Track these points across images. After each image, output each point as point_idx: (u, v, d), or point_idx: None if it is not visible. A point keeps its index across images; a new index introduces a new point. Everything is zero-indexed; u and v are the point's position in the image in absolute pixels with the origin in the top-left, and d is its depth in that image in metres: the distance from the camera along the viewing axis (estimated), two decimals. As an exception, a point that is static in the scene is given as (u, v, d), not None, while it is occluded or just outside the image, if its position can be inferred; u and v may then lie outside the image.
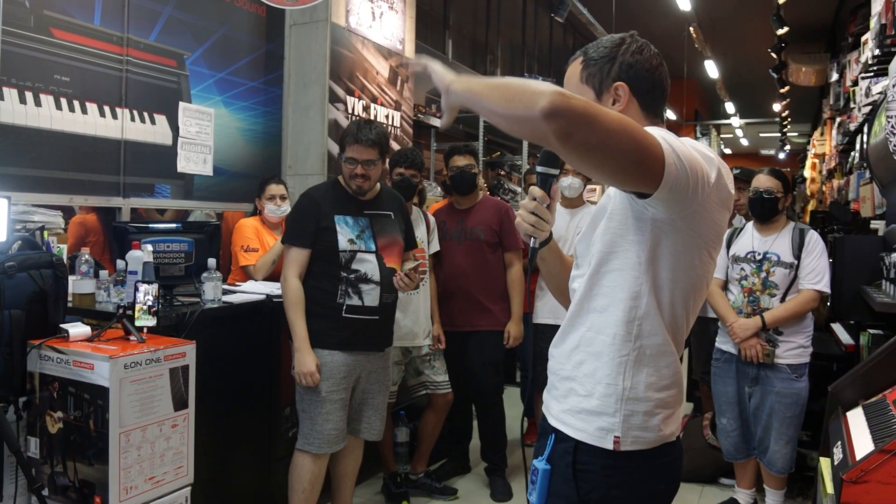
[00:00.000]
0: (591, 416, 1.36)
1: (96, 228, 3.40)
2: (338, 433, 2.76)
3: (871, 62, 4.02)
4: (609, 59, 1.41)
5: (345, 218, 2.76)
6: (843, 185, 6.80)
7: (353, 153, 2.75)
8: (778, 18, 8.15)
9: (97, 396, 2.09)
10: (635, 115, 1.40)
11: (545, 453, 1.42)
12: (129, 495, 2.13)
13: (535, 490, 1.40)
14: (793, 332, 3.15)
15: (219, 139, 3.96)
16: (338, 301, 2.72)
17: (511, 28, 8.48)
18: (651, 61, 1.42)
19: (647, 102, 1.42)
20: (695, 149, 1.25)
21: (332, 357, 2.72)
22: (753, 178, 3.36)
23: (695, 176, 1.21)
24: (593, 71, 1.42)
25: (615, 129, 1.11)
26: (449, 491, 3.53)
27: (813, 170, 12.68)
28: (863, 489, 1.74)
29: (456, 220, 3.62)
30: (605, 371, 1.36)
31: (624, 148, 1.12)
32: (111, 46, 3.37)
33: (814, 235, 3.20)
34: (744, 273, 3.25)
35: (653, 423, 1.35)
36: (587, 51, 1.44)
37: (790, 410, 3.13)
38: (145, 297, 2.30)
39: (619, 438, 1.34)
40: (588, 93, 1.41)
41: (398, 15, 5.00)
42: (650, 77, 1.42)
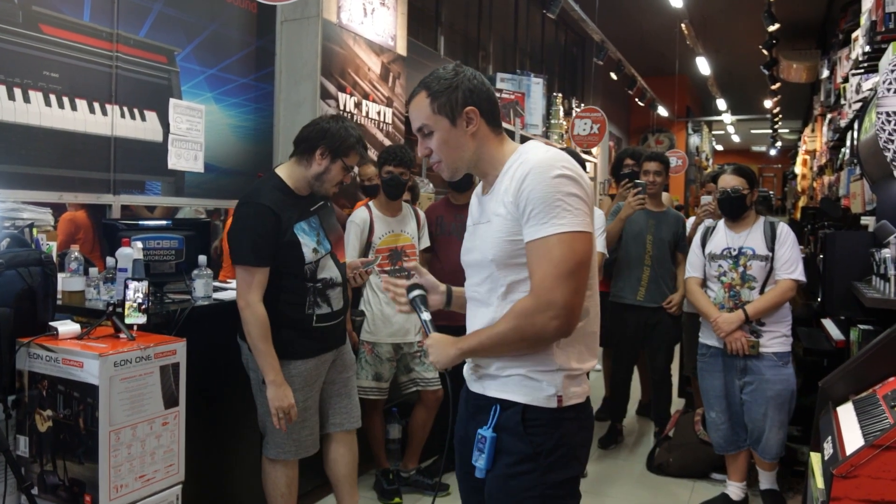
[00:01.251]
0: (535, 384, 1.59)
1: (86, 225, 3.38)
2: (314, 438, 2.71)
3: (862, 59, 4.03)
4: (453, 89, 1.62)
5: (301, 226, 2.59)
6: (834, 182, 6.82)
7: (354, 163, 2.65)
8: (769, 15, 8.17)
9: (87, 394, 2.08)
10: (485, 132, 1.65)
11: (490, 423, 1.62)
12: (119, 494, 2.12)
13: (483, 455, 1.61)
14: (774, 322, 3.25)
15: (210, 136, 3.94)
16: (307, 312, 2.61)
17: (503, 24, 8.47)
18: (484, 84, 1.66)
19: (490, 118, 1.65)
20: (570, 188, 1.52)
21: (305, 365, 2.63)
22: (719, 178, 3.43)
23: (588, 210, 1.54)
24: (443, 101, 1.62)
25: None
26: (441, 487, 3.54)
27: (804, 166, 12.73)
28: (853, 484, 1.75)
29: (454, 214, 3.62)
30: (540, 355, 1.58)
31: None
32: (101, 42, 3.34)
33: (784, 227, 3.31)
34: (722, 269, 3.33)
35: (580, 382, 1.62)
36: (429, 85, 1.64)
37: (781, 396, 3.23)
38: (135, 295, 2.29)
39: (562, 397, 1.58)
40: (443, 121, 1.63)
41: (390, 11, 4.98)
42: (489, 97, 1.66)
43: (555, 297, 1.48)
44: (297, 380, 2.61)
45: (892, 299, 2.79)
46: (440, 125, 1.63)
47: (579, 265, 1.49)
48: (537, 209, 1.50)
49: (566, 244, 1.48)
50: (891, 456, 1.73)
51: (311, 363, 2.66)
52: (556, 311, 1.48)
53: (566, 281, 1.48)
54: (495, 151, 1.65)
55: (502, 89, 6.92)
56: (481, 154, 1.65)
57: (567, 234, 1.48)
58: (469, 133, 1.63)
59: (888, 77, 2.41)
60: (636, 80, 10.82)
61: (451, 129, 1.63)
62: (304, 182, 2.62)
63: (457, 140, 1.63)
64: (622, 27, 9.53)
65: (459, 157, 1.65)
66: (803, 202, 12.34)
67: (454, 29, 7.29)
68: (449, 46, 7.00)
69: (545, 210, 1.49)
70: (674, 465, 3.90)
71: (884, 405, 2.02)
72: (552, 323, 1.49)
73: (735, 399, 3.33)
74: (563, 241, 1.48)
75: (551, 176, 1.50)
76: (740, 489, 3.44)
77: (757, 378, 3.25)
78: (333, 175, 2.60)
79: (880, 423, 1.92)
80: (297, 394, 2.60)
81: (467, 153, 1.65)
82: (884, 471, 1.73)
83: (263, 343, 2.49)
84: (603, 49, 8.96)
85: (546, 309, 1.48)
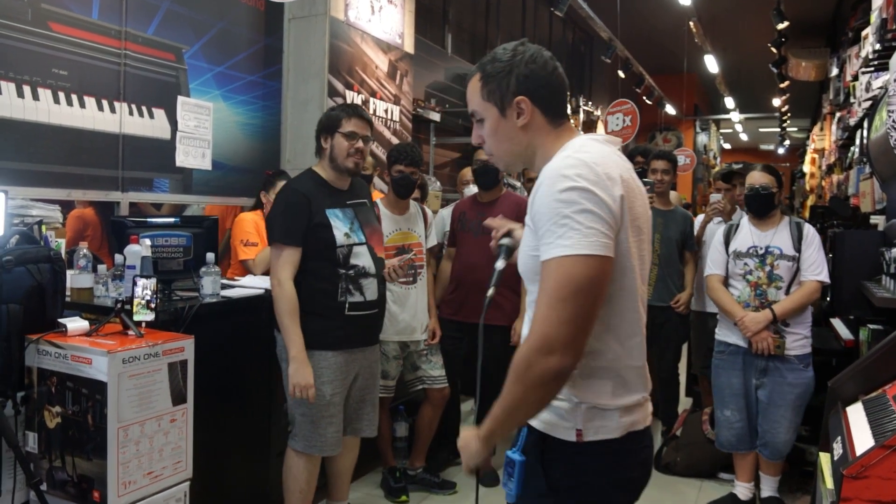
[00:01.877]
0: (554, 413, 1.41)
1: (94, 222, 3.39)
2: (339, 436, 2.73)
3: (872, 57, 4.00)
4: (506, 74, 1.43)
5: (335, 211, 2.68)
6: (843, 181, 6.78)
7: (353, 127, 2.68)
8: (778, 13, 8.13)
9: (95, 391, 2.08)
10: (540, 125, 1.46)
11: (518, 444, 1.45)
12: (127, 490, 2.13)
13: (512, 480, 1.43)
14: (797, 324, 3.23)
15: (217, 133, 3.95)
16: (339, 299, 2.65)
17: (511, 22, 8.45)
18: (546, 67, 1.44)
19: (548, 108, 1.45)
20: (576, 201, 1.29)
21: (336, 358, 2.66)
22: (747, 175, 3.39)
23: (606, 225, 1.30)
24: (493, 87, 1.45)
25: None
26: (448, 485, 3.54)
27: (812, 165, 12.66)
28: (863, 484, 1.74)
29: (477, 212, 3.59)
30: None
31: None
32: (109, 40, 3.35)
33: (810, 229, 3.28)
34: (748, 268, 3.29)
35: (613, 416, 1.39)
36: (484, 66, 1.47)
37: (800, 400, 3.23)
38: (143, 292, 2.29)
39: (581, 431, 1.39)
40: (492, 110, 1.46)
41: (397, 9, 4.98)
42: (548, 84, 1.45)
43: (547, 330, 1.27)
44: (326, 371, 2.64)
45: (903, 299, 2.77)
46: (489, 113, 1.47)
47: (577, 292, 1.26)
48: (543, 228, 1.32)
49: (563, 269, 1.27)
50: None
51: (343, 357, 2.68)
52: (550, 346, 1.26)
53: (560, 310, 1.26)
54: (549, 147, 1.44)
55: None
56: (535, 149, 1.47)
57: (566, 259, 1.27)
58: (520, 125, 1.45)
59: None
60: (644, 78, 10.79)
61: (500, 120, 1.46)
62: (332, 172, 2.73)
63: (507, 132, 1.46)
64: (630, 25, 9.49)
65: (510, 151, 1.49)
66: (812, 201, 12.28)
67: (462, 27, 7.28)
68: (456, 44, 6.99)
69: (550, 229, 1.30)
70: (681, 464, 3.89)
71: (894, 405, 2.01)
72: (549, 361, 1.26)
73: (752, 399, 3.31)
74: (561, 265, 1.27)
75: (558, 189, 1.30)
76: (748, 489, 3.42)
77: (777, 380, 3.22)
78: (339, 148, 2.68)
79: (891, 423, 1.91)
80: (326, 386, 2.64)
81: (518, 147, 1.48)
82: (894, 471, 1.72)
83: (289, 319, 2.56)
84: (611, 47, 8.93)
85: (540, 346, 1.27)
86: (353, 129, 2.68)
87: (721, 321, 3.43)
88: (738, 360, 3.31)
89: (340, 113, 2.71)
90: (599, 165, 1.33)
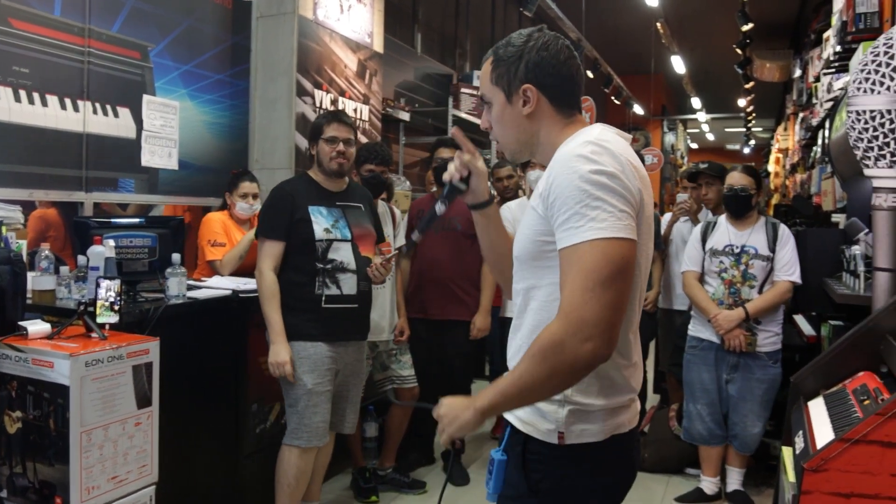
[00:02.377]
0: (536, 413, 1.37)
1: (57, 223, 3.32)
2: (325, 426, 2.78)
3: (833, 59, 4.09)
4: (516, 59, 1.40)
5: (318, 208, 2.80)
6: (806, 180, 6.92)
7: (334, 132, 2.82)
8: (743, 15, 8.26)
9: (57, 395, 2.05)
10: (547, 114, 1.41)
11: (502, 444, 1.44)
12: (91, 495, 2.09)
13: (492, 479, 1.42)
14: (768, 322, 3.33)
15: (184, 133, 3.90)
16: (316, 293, 2.74)
17: (480, 22, 8.47)
18: (559, 56, 1.40)
19: (557, 98, 1.41)
20: (607, 184, 1.26)
21: (315, 349, 2.73)
22: (727, 176, 3.46)
23: (633, 212, 1.27)
24: (501, 72, 1.42)
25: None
26: (417, 485, 3.54)
27: (777, 164, 12.89)
28: (823, 477, 1.78)
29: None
30: None
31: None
32: (72, 37, 3.29)
33: (785, 230, 3.38)
34: (723, 266, 3.36)
35: (597, 418, 1.36)
36: (497, 50, 1.44)
37: (767, 394, 3.32)
38: (107, 294, 2.26)
39: (563, 434, 1.35)
40: (499, 95, 1.43)
41: (366, 8, 4.96)
42: (559, 73, 1.40)
43: (586, 315, 1.20)
44: (306, 361, 2.72)
45: (862, 295, 2.83)
46: (496, 98, 1.43)
47: (616, 275, 1.21)
48: (567, 211, 1.25)
49: (599, 251, 1.21)
50: (860, 449, 1.76)
51: (322, 349, 2.74)
52: (588, 332, 1.19)
53: (599, 294, 1.20)
54: (557, 137, 1.40)
55: (479, 86, 6.92)
56: (541, 138, 1.43)
57: (602, 241, 1.21)
58: (525, 113, 1.41)
59: (858, 76, 2.44)
60: (612, 79, 10.88)
61: (505, 105, 1.42)
62: (322, 175, 2.88)
63: (512, 119, 1.43)
64: (598, 25, 9.58)
65: (515, 139, 1.45)
66: (776, 200, 12.49)
67: (431, 26, 7.28)
68: (426, 44, 6.99)
69: (579, 212, 1.24)
70: (649, 460, 3.93)
71: (853, 399, 2.05)
72: (585, 346, 1.19)
73: (722, 394, 3.39)
74: (595, 247, 1.21)
75: (587, 171, 1.25)
76: (714, 484, 3.49)
77: (746, 376, 3.32)
78: (323, 153, 2.84)
79: (849, 417, 1.95)
80: (307, 376, 2.71)
81: (523, 135, 1.43)
82: (853, 464, 1.76)
83: (268, 305, 2.71)
84: (579, 47, 9.00)
85: (577, 330, 1.20)
86: (333, 133, 2.82)
87: (695, 317, 3.49)
88: (711, 355, 3.39)
89: (322, 120, 2.87)
90: (622, 155, 1.30)
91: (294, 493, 2.78)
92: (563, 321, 1.22)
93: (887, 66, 2.36)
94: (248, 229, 3.50)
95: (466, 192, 1.53)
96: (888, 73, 2.36)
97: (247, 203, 3.54)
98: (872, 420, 1.76)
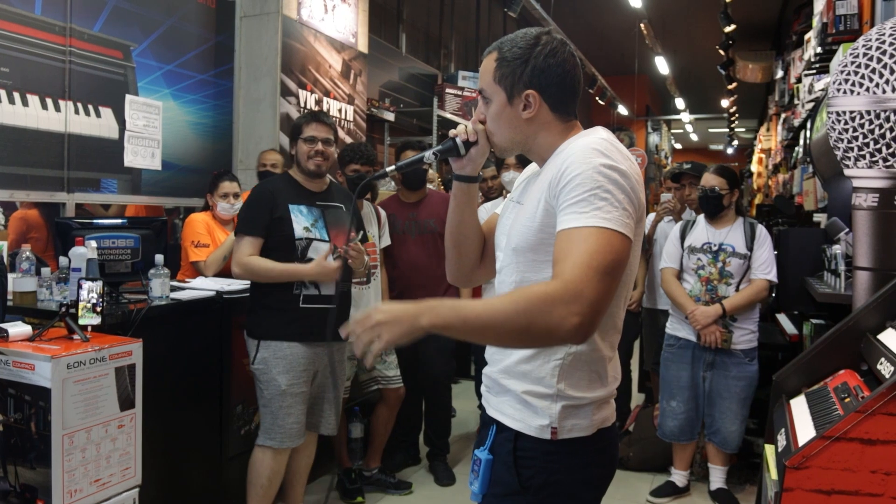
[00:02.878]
0: (528, 409, 1.39)
1: (39, 224, 3.29)
2: (299, 427, 2.75)
3: (814, 60, 4.13)
4: (522, 62, 1.39)
5: (298, 207, 2.78)
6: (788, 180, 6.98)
7: (312, 132, 2.80)
8: (725, 16, 8.32)
9: (39, 398, 2.03)
10: (546, 119, 1.42)
11: (487, 443, 1.45)
12: (73, 499, 2.07)
13: (478, 479, 1.43)
14: (745, 319, 3.36)
15: (167, 133, 3.88)
16: (294, 292, 2.72)
17: (464, 22, 8.48)
18: (565, 64, 1.41)
19: (558, 105, 1.42)
20: (618, 181, 1.29)
21: (291, 349, 2.71)
22: (702, 177, 3.49)
23: (635, 213, 1.31)
24: (506, 72, 1.40)
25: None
26: (403, 486, 3.53)
27: (759, 164, 13.00)
28: (805, 475, 1.80)
29: (406, 213, 3.62)
30: (540, 373, 1.39)
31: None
32: (53, 37, 3.26)
33: (763, 229, 3.41)
34: (700, 263, 3.40)
35: (587, 413, 1.40)
36: (502, 47, 1.42)
37: (744, 392, 3.35)
38: (89, 295, 2.24)
39: (557, 429, 1.38)
40: (500, 94, 1.42)
41: (351, 8, 4.95)
42: (563, 81, 1.41)
43: (585, 290, 1.18)
44: (281, 362, 2.70)
45: (843, 294, 2.86)
46: (497, 97, 1.42)
47: (614, 266, 1.23)
48: (579, 196, 1.27)
49: (605, 239, 1.23)
50: (841, 447, 1.77)
51: (299, 350, 2.72)
52: (581, 307, 1.17)
53: (600, 276, 1.20)
54: (555, 140, 1.42)
55: (464, 87, 6.94)
56: (538, 140, 1.44)
57: (607, 231, 1.23)
58: (525, 117, 1.41)
59: (838, 77, 2.47)
60: (597, 79, 10.93)
61: (506, 105, 1.42)
62: (301, 175, 2.84)
63: (510, 119, 1.42)
64: (583, 26, 9.62)
65: (510, 139, 1.44)
66: (759, 199, 12.60)
67: (416, 26, 7.28)
68: (411, 44, 6.99)
69: (587, 198, 1.26)
70: (634, 459, 3.95)
71: (834, 397, 2.07)
72: (573, 319, 1.17)
73: (699, 391, 3.42)
74: (602, 235, 1.23)
75: (600, 163, 1.28)
76: (685, 477, 3.59)
77: (722, 373, 3.35)
78: (301, 152, 2.82)
79: (831, 414, 1.97)
80: (281, 377, 2.69)
81: (519, 136, 1.44)
82: (834, 461, 1.78)
83: (272, 265, 2.69)
84: (564, 48, 9.02)
85: (572, 300, 1.17)
86: (312, 133, 2.80)
87: (672, 316, 3.53)
88: (688, 353, 3.42)
89: (301, 120, 2.85)
90: (628, 159, 1.35)
91: (267, 493, 2.76)
92: (561, 286, 1.19)
93: (867, 68, 2.39)
94: (231, 229, 3.49)
95: (462, 157, 1.49)
96: (867, 75, 2.38)
97: (228, 203, 3.53)
98: (853, 418, 1.78)
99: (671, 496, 3.54)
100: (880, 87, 2.36)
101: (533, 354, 1.39)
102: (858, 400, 1.91)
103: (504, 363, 1.44)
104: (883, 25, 2.44)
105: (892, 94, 2.35)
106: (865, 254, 2.49)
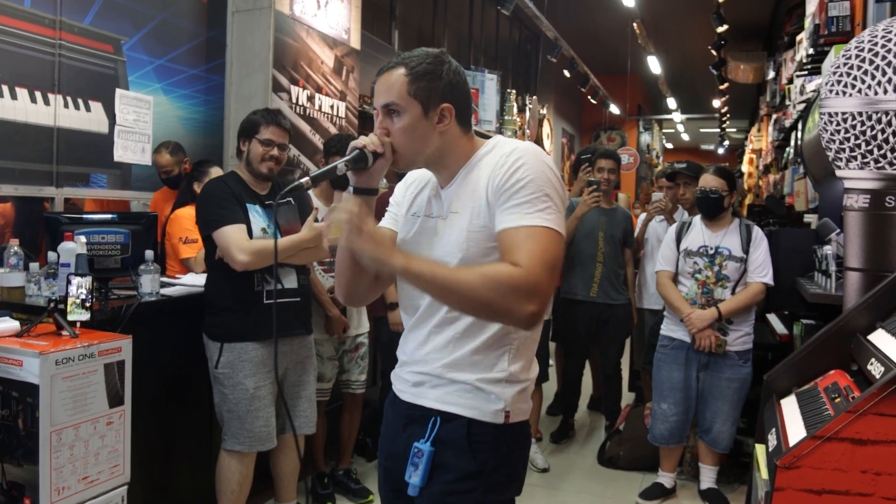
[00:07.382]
0: (482, 396, 1.49)
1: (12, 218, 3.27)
2: (269, 430, 2.68)
3: (806, 61, 4.14)
4: (436, 77, 1.47)
5: (255, 207, 2.71)
6: (779, 180, 7.00)
7: (270, 135, 2.71)
8: (718, 17, 8.34)
9: (26, 394, 2.01)
10: (454, 132, 1.51)
11: (428, 436, 1.51)
12: (61, 496, 2.06)
13: (419, 471, 1.50)
14: (740, 322, 3.35)
15: (158, 128, 3.85)
16: (255, 289, 2.65)
17: (458, 20, 8.46)
18: (465, 83, 1.53)
19: (463, 118, 1.52)
20: (556, 187, 1.43)
21: (256, 351, 2.64)
22: (700, 177, 3.47)
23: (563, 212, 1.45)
24: (423, 86, 1.46)
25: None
26: (363, 493, 3.45)
27: (750, 165, 13.04)
28: (795, 474, 1.80)
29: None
30: (493, 360, 1.50)
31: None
32: (43, 29, 3.23)
33: (759, 232, 3.40)
34: (697, 266, 3.39)
35: (527, 397, 1.55)
36: (409, 62, 1.47)
37: (738, 394, 3.35)
38: (78, 291, 2.22)
39: (509, 413, 1.50)
40: (416, 107, 1.46)
41: (344, 4, 4.93)
42: (465, 96, 1.53)
43: (541, 282, 1.33)
44: (247, 364, 2.63)
45: (833, 294, 2.87)
46: (412, 110, 1.46)
47: (559, 262, 1.40)
48: (526, 198, 1.39)
49: (553, 238, 1.37)
50: (831, 447, 1.78)
51: (266, 350, 2.65)
52: (536, 297, 1.33)
53: (551, 271, 1.35)
54: (464, 149, 1.52)
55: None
56: (445, 151, 1.51)
57: (552, 231, 1.38)
58: (438, 130, 1.48)
59: (830, 79, 2.47)
60: (589, 78, 10.93)
61: (421, 119, 1.46)
62: (249, 175, 2.75)
63: (423, 132, 1.48)
64: (575, 25, 9.62)
65: (419, 151, 1.49)
66: (750, 200, 12.64)
67: (409, 23, 7.26)
68: (403, 41, 6.96)
69: (532, 200, 1.39)
70: (624, 458, 3.96)
71: (825, 397, 2.08)
72: (530, 307, 1.33)
73: (692, 393, 3.41)
74: (550, 234, 1.37)
75: (547, 168, 1.42)
76: (672, 479, 3.60)
77: (716, 374, 3.35)
78: (254, 153, 2.71)
79: (821, 414, 1.98)
80: (248, 379, 2.62)
81: (428, 149, 1.49)
82: (824, 461, 1.79)
83: (281, 242, 2.59)
84: (556, 46, 9.03)
85: (530, 290, 1.32)
86: (269, 136, 2.71)
87: (667, 316, 3.52)
88: (682, 354, 3.41)
89: (259, 119, 2.73)
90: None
91: (238, 498, 2.69)
92: (525, 274, 1.33)
93: (859, 69, 2.39)
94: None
95: (366, 169, 1.50)
96: (859, 76, 2.39)
97: None
98: (843, 418, 1.78)
99: (660, 498, 3.54)
100: (872, 88, 2.37)
101: (486, 345, 1.49)
102: (849, 400, 1.91)
103: (451, 357, 1.50)
104: (876, 27, 2.44)
105: (884, 96, 2.35)
106: (856, 255, 2.49)
